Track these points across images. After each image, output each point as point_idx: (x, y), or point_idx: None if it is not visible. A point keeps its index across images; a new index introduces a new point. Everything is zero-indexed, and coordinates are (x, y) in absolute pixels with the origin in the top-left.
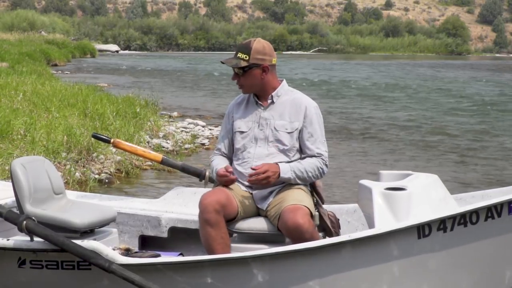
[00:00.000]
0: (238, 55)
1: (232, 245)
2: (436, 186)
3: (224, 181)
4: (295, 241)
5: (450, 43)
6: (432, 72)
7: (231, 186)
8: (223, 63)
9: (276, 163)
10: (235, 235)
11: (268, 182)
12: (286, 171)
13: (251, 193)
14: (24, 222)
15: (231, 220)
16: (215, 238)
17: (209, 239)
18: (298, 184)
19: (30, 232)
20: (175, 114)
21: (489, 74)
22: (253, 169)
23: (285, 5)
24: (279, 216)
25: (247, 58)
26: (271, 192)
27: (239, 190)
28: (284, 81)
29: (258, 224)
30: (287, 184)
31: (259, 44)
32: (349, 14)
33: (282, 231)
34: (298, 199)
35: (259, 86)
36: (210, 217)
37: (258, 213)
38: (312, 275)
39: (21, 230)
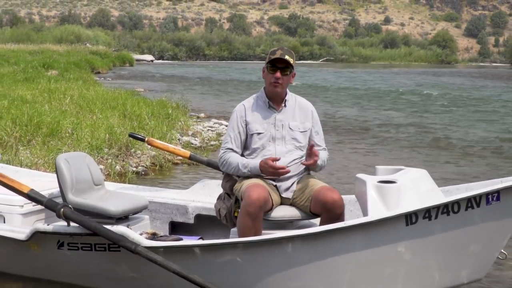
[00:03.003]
0: (287, 57)
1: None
2: (424, 180)
3: (280, 173)
4: (331, 215)
5: (440, 54)
6: (425, 79)
7: (262, 180)
8: (281, 58)
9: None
10: None
11: (311, 163)
12: (320, 161)
13: (275, 185)
14: (62, 209)
15: (266, 211)
16: (251, 228)
17: (245, 228)
18: (320, 168)
19: (67, 218)
20: (202, 115)
21: (474, 80)
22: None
23: (298, 21)
24: (312, 198)
25: (292, 62)
26: (292, 183)
27: (266, 184)
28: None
29: (289, 212)
30: (304, 175)
31: None
32: (353, 29)
33: (317, 210)
34: (323, 184)
35: (286, 88)
36: (253, 211)
37: (281, 202)
38: (326, 255)
39: (59, 216)
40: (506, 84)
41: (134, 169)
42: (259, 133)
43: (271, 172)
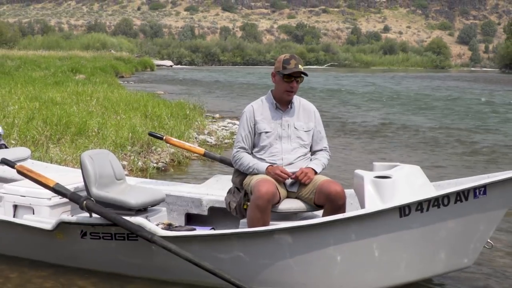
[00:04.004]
0: (300, 67)
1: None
2: (417, 175)
3: (283, 178)
4: (334, 206)
5: (435, 60)
6: (421, 82)
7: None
8: (302, 73)
9: (312, 168)
10: None
11: (310, 179)
12: (318, 168)
13: None
14: (84, 202)
15: (274, 204)
16: (259, 220)
17: (254, 219)
18: (322, 169)
19: (89, 210)
20: (217, 115)
21: (466, 83)
22: (298, 174)
23: (305, 29)
24: (316, 190)
25: (302, 68)
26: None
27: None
28: None
29: (294, 204)
30: None
31: None
32: (355, 37)
33: (321, 201)
34: (326, 177)
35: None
36: (262, 204)
37: (287, 195)
38: (327, 244)
39: (82, 208)
40: (495, 87)
41: (155, 165)
42: (267, 132)
43: (275, 176)
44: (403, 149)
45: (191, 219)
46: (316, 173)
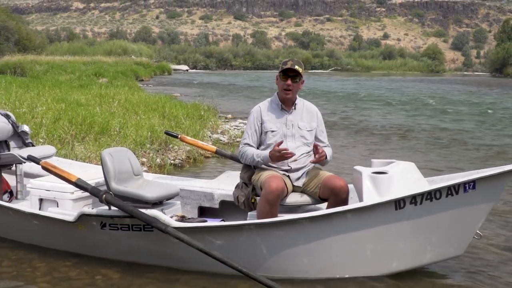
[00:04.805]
0: (296, 67)
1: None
2: (411, 171)
3: (285, 156)
4: (338, 199)
5: (430, 64)
6: (417, 85)
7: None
8: (291, 68)
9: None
10: None
11: (322, 159)
12: (328, 156)
13: (288, 175)
14: (104, 195)
15: (282, 198)
16: (268, 213)
17: (264, 212)
18: (327, 162)
19: (108, 203)
20: (229, 116)
21: (459, 86)
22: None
23: (310, 37)
24: (321, 185)
25: (301, 71)
26: (302, 173)
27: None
28: None
29: (300, 198)
30: (313, 166)
31: None
32: (356, 43)
33: (325, 194)
34: (330, 173)
35: (296, 93)
36: (272, 199)
37: (293, 190)
38: (328, 234)
39: (101, 201)
40: (486, 90)
41: (172, 161)
42: (272, 131)
43: (278, 156)
44: (400, 147)
45: (204, 212)
46: (326, 157)
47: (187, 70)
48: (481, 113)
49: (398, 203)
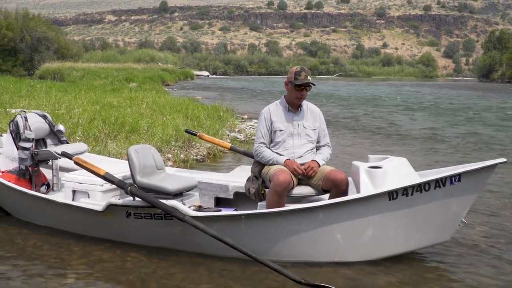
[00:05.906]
0: (309, 78)
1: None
2: (404, 166)
3: (298, 172)
4: (339, 190)
5: (424, 71)
6: (413, 89)
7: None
8: (310, 83)
9: (316, 161)
10: None
11: (315, 172)
12: (321, 161)
13: None
14: (129, 188)
15: (288, 190)
16: (277, 203)
17: (272, 203)
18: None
19: (132, 194)
20: (245, 116)
21: (450, 90)
22: (306, 168)
23: (317, 46)
24: (324, 178)
25: (310, 79)
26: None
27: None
28: None
29: (305, 190)
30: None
31: None
32: (359, 51)
33: (328, 186)
34: (332, 167)
35: None
36: (280, 190)
37: (299, 183)
38: (330, 222)
39: (127, 193)
40: (473, 93)
41: (194, 157)
42: (281, 130)
43: (292, 168)
44: (396, 144)
45: (220, 202)
46: (319, 165)
47: (208, 76)
48: (468, 113)
49: (392, 194)
